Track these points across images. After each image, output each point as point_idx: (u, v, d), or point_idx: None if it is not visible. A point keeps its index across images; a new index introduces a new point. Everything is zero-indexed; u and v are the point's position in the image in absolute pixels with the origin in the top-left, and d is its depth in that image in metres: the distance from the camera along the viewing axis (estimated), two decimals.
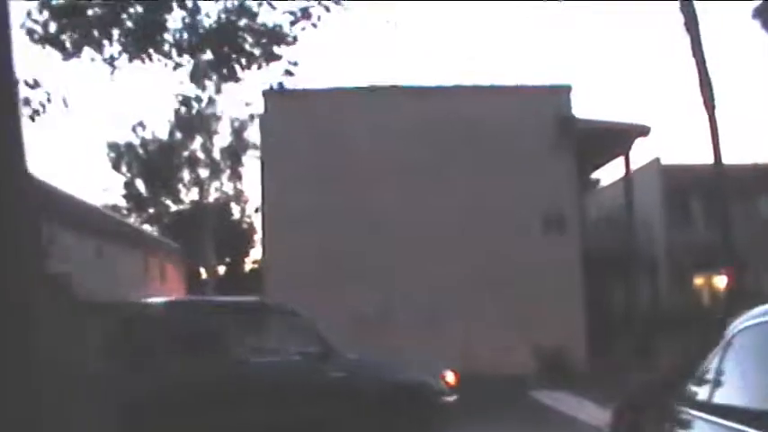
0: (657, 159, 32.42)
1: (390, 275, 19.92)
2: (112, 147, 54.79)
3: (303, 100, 20.29)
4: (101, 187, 75.41)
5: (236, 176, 51.15)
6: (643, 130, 21.82)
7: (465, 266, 19.99)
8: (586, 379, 17.31)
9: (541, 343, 18.93)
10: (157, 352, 8.03)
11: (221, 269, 53.50)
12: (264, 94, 20.74)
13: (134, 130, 54.57)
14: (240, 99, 42.74)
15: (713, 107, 28.13)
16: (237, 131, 50.56)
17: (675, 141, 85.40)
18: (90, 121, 73.92)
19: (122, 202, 55.65)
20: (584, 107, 75.36)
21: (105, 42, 9.68)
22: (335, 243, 19.97)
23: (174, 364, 7.97)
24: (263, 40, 9.98)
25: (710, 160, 28.26)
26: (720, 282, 27.35)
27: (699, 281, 30.66)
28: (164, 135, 53.93)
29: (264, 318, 9.12)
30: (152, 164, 53.25)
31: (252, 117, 45.06)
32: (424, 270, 19.99)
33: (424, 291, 19.75)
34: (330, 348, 8.87)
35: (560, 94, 21.55)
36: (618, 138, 21.94)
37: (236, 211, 54.75)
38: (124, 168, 54.86)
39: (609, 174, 32.12)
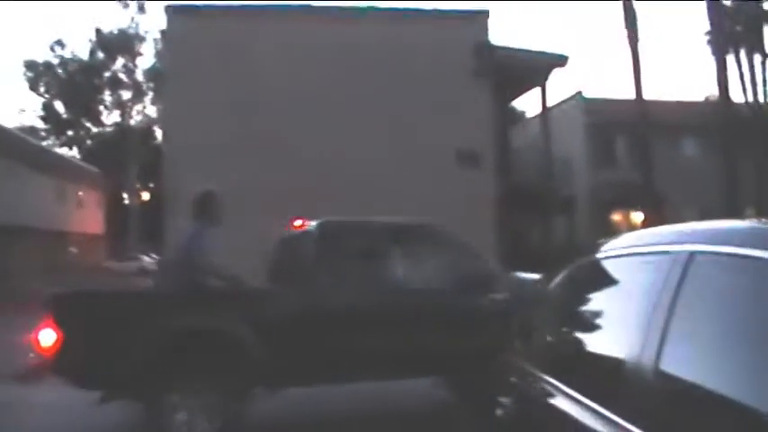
0: (579, 93, 32.07)
1: (303, 206, 19.10)
2: (30, 66, 52.74)
3: (209, 19, 19.21)
4: (16, 108, 72.71)
5: (159, 99, 49.58)
6: (561, 61, 21.23)
7: (379, 199, 19.30)
8: None
9: None
10: (315, 273, 7.50)
11: (145, 195, 52.12)
12: (167, 9, 19.58)
13: (52, 48, 52.59)
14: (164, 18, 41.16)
15: (636, 40, 27.80)
16: (161, 53, 48.82)
17: (601, 77, 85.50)
18: (4, 37, 71.09)
19: (40, 124, 53.86)
20: (502, 36, 74.66)
21: None
22: (243, 172, 19.05)
23: (332, 286, 7.46)
24: None
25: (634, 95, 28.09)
26: (638, 218, 27.28)
27: (617, 217, 30.60)
28: (84, 55, 52.06)
29: (431, 241, 8.34)
30: (72, 84, 51.40)
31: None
32: (337, 202, 19.25)
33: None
34: (495, 273, 8.26)
35: (478, 20, 20.78)
36: (535, 68, 21.33)
37: (159, 134, 53.24)
38: (42, 89, 52.97)
39: (535, 105, 31.70)
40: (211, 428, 6.42)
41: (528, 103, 58.19)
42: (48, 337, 6.41)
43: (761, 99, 32.61)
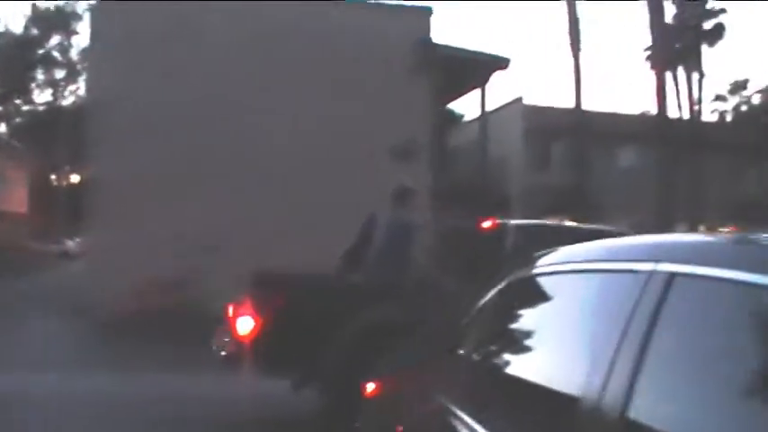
0: (520, 98, 32.21)
1: (233, 199, 18.56)
2: None
3: None
4: None
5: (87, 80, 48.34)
6: (502, 63, 21.04)
7: (310, 191, 18.85)
8: None
9: None
10: None
11: (75, 177, 50.73)
12: None
13: None
14: None
15: (579, 50, 28.01)
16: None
17: (542, 83, 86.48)
18: None
19: None
20: (445, 35, 75.00)
21: None
22: (169, 159, 18.37)
23: None
24: None
25: (574, 104, 28.32)
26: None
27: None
28: (18, 29, 50.56)
29: None
30: (3, 60, 49.88)
31: None
32: (265, 194, 18.75)
33: (262, 214, 18.52)
34: None
35: (420, 16, 20.42)
36: (477, 68, 21.09)
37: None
38: None
39: (474, 109, 31.64)
40: None
41: (467, 106, 58.21)
42: (246, 323, 6.31)
43: (698, 115, 33.10)
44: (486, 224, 8.82)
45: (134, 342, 12.90)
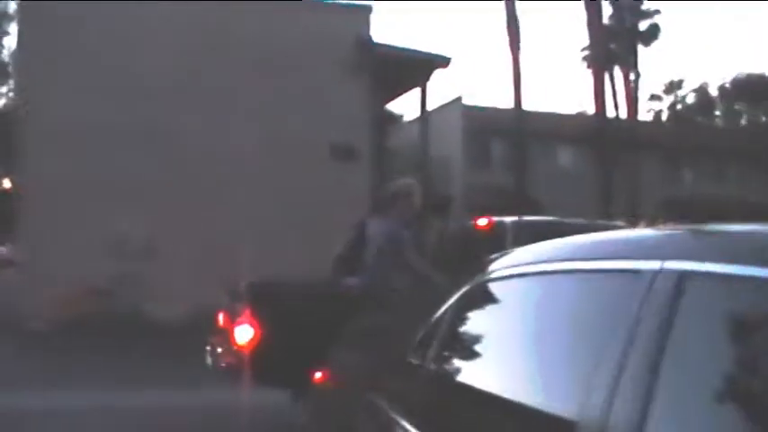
0: (459, 98, 32.16)
1: (167, 202, 18.04)
2: None
3: None
4: None
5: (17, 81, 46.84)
6: (443, 62, 20.85)
7: (246, 192, 18.43)
8: None
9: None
10: None
11: (6, 182, 49.33)
12: None
13: None
14: None
15: (518, 48, 27.96)
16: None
17: (482, 82, 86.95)
18: None
19: None
20: (385, 33, 75.01)
21: None
22: (99, 161, 17.80)
23: None
24: None
25: (514, 103, 28.29)
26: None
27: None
28: None
29: None
30: None
31: None
32: (201, 197, 18.29)
33: (199, 218, 18.05)
34: None
35: (360, 13, 20.14)
36: (417, 67, 20.87)
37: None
38: None
39: (414, 109, 31.53)
40: None
41: (406, 106, 58.15)
42: (245, 332, 6.11)
43: (634, 114, 33.41)
44: (482, 223, 8.58)
45: (68, 352, 12.39)
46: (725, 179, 37.60)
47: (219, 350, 6.95)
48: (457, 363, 2.65)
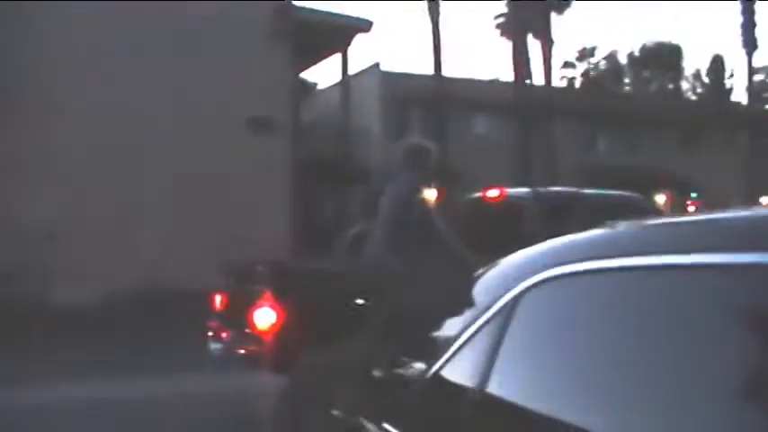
0: (377, 65, 31.53)
1: (72, 181, 16.87)
2: None
3: None
4: None
5: None
6: (364, 26, 20.17)
7: (161, 169, 17.41)
8: None
9: (242, 254, 16.83)
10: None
11: None
12: None
13: None
14: None
15: (437, 14, 27.48)
16: None
17: (399, 48, 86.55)
18: None
19: None
20: None
21: None
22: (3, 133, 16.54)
23: None
24: None
25: (433, 70, 27.86)
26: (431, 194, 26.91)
27: None
28: None
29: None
30: None
31: None
32: (112, 175, 17.19)
33: (110, 198, 16.98)
34: None
35: None
36: (338, 31, 20.13)
37: None
38: None
39: (327, 77, 30.78)
40: None
41: (320, 74, 57.24)
42: (267, 316, 5.81)
43: (550, 81, 33.32)
44: (493, 194, 8.00)
45: None
46: (638, 147, 38.00)
47: (229, 336, 6.58)
48: (527, 390, 2.02)
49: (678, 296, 1.63)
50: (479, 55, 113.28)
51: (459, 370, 2.11)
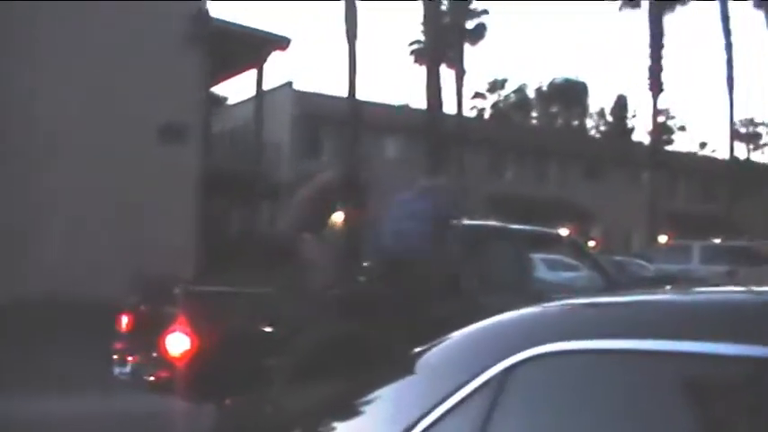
0: (290, 83, 31.54)
1: None
2: None
3: None
4: None
5: None
6: (282, 43, 20.06)
7: (67, 174, 16.85)
8: None
9: (147, 266, 16.38)
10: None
11: None
12: None
13: None
14: None
15: (355, 37, 27.52)
16: None
17: (315, 68, 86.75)
18: None
19: None
20: (220, 8, 73.16)
21: None
22: None
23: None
24: None
25: (346, 92, 27.88)
26: (340, 216, 26.86)
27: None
28: None
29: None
30: None
31: None
32: (21, 178, 16.56)
33: (11, 203, 16.34)
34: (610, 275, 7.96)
35: None
36: (254, 46, 19.96)
37: None
38: None
39: (238, 92, 30.53)
40: None
41: (231, 90, 56.76)
42: (180, 342, 5.55)
43: (460, 111, 33.81)
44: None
45: None
46: (544, 179, 38.79)
47: (137, 360, 6.24)
48: None
49: (686, 383, 1.63)
50: (393, 80, 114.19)
51: None
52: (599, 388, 1.76)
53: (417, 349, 2.23)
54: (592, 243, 34.35)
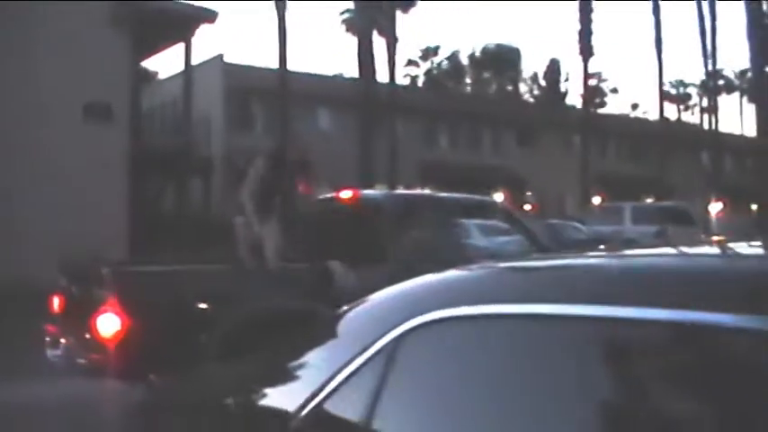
0: (221, 56, 31.08)
1: None
2: None
3: None
4: None
5: None
6: (208, 16, 19.72)
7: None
8: None
9: (78, 247, 16.03)
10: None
11: None
12: None
13: None
14: None
15: (284, 8, 27.24)
16: None
17: (245, 41, 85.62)
18: None
19: None
20: None
21: None
22: None
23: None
24: None
25: (277, 64, 27.61)
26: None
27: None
28: None
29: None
30: None
31: None
32: None
33: None
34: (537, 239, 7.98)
35: None
36: (181, 21, 19.58)
37: None
38: None
39: (169, 67, 30.00)
40: None
41: (162, 64, 55.86)
42: (111, 322, 5.49)
43: (393, 79, 33.67)
44: (346, 195, 7.84)
45: None
46: (478, 146, 38.93)
47: (69, 342, 6.15)
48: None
49: (573, 347, 1.62)
50: (324, 50, 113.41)
51: (340, 409, 1.98)
52: (487, 354, 1.80)
53: (337, 312, 2.38)
54: (528, 207, 34.74)
